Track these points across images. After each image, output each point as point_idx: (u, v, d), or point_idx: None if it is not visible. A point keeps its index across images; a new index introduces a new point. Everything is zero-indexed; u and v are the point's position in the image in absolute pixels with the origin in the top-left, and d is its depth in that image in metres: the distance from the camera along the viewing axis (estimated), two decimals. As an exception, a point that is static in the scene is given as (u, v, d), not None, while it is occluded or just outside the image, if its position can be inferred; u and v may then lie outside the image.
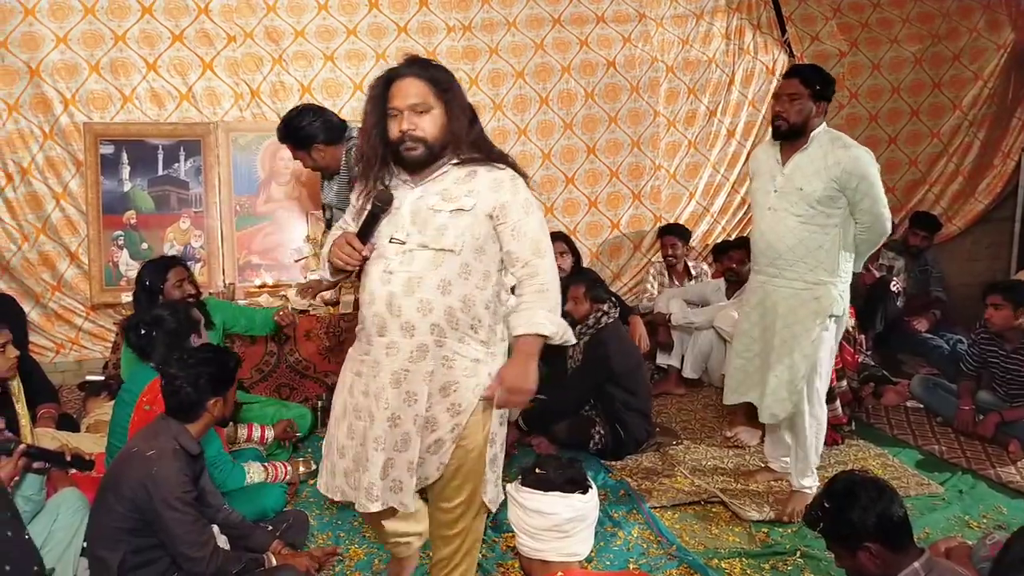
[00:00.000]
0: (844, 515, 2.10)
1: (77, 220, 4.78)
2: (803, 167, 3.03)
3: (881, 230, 3.09)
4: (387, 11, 5.20)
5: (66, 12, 4.69)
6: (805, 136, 3.05)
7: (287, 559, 2.70)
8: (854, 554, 2.11)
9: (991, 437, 3.93)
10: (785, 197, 3.06)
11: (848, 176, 2.95)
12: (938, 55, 5.78)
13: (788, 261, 3.08)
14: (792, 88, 3.03)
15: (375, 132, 2.10)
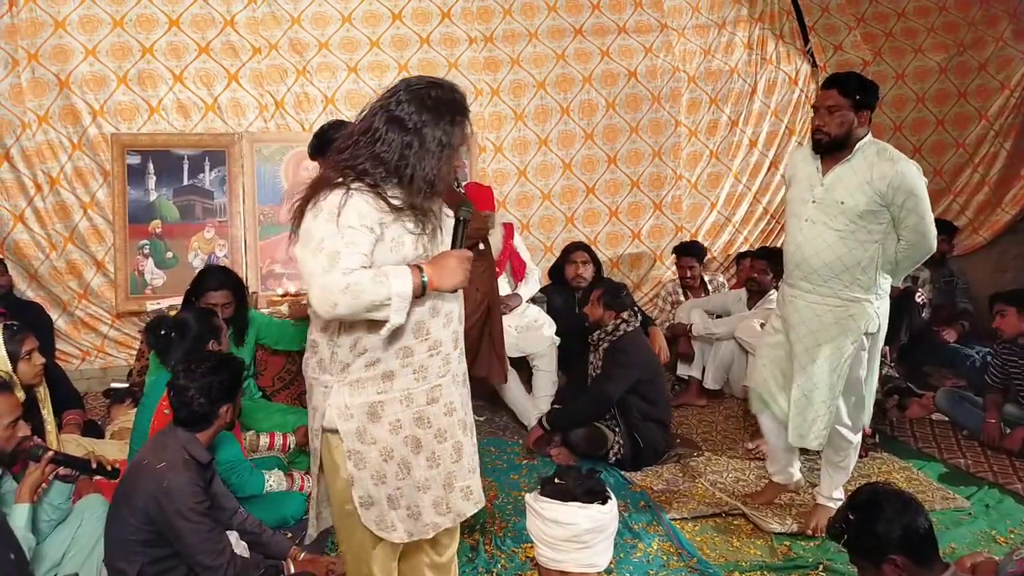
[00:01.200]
0: (869, 527, 2.07)
1: (104, 229, 4.85)
2: (845, 179, 2.90)
3: (927, 248, 2.96)
4: (410, 23, 5.25)
5: (95, 25, 4.78)
6: (849, 147, 2.92)
7: (305, 565, 2.71)
8: (879, 567, 2.08)
9: (1019, 451, 3.88)
10: (824, 209, 2.93)
11: (895, 192, 2.83)
12: (963, 64, 5.73)
13: (823, 276, 2.95)
14: (831, 99, 2.91)
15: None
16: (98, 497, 2.71)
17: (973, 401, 4.25)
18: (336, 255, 1.89)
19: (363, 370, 2.04)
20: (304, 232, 1.96)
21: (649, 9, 5.58)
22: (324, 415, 2.07)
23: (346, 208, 1.92)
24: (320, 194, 1.96)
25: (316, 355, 2.09)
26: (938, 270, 5.36)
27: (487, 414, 4.55)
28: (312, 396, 2.13)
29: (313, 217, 1.94)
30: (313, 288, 1.91)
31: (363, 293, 1.87)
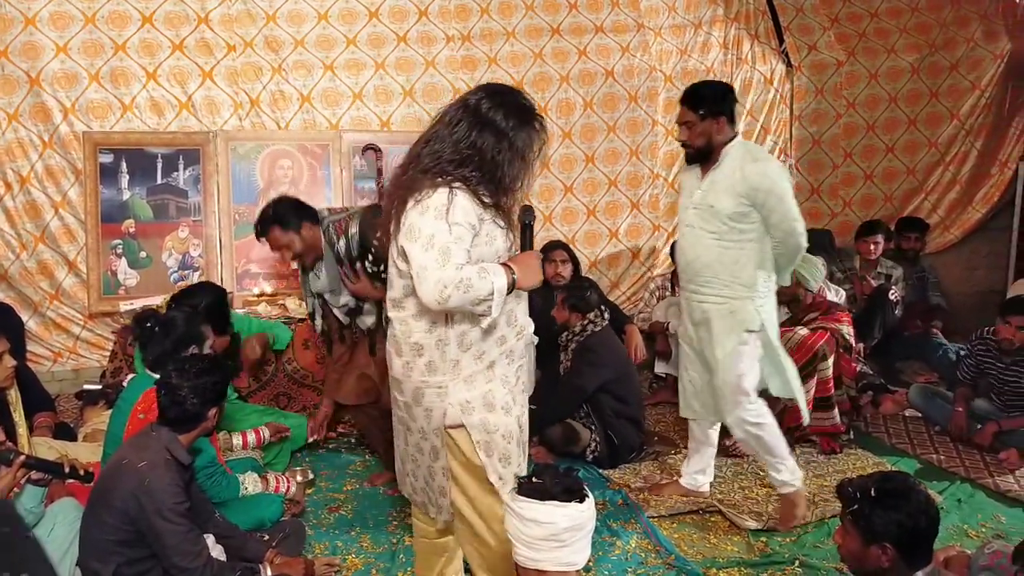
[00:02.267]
0: (887, 511, 2.06)
1: (75, 229, 4.78)
2: (716, 184, 3.02)
3: (795, 244, 3.03)
4: (387, 21, 5.22)
5: (66, 21, 4.70)
6: (716, 154, 3.04)
7: (282, 568, 2.69)
8: (867, 545, 2.09)
9: (989, 446, 3.94)
10: (700, 214, 3.07)
11: (756, 191, 2.92)
12: (935, 65, 5.80)
13: (706, 278, 3.09)
14: (684, 116, 3.07)
15: None
16: (71, 501, 2.67)
17: (945, 397, 4.31)
18: (448, 250, 2.02)
19: (473, 364, 2.20)
20: (411, 227, 2.07)
21: (626, 9, 5.60)
22: (446, 414, 2.20)
23: (453, 206, 2.05)
24: (423, 192, 2.09)
25: (422, 358, 2.19)
26: (911, 267, 5.43)
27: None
28: (422, 399, 2.22)
29: (420, 214, 2.07)
30: (427, 281, 2.01)
31: (471, 288, 2.01)
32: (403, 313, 2.21)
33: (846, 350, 4.12)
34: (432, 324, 2.17)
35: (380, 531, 3.26)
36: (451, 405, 2.19)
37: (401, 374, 2.24)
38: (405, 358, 2.23)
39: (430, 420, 2.23)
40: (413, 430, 2.30)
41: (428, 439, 2.27)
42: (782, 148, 5.92)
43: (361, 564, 3.00)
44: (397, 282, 2.23)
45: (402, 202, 2.14)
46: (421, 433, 2.27)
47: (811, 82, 5.84)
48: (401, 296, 2.22)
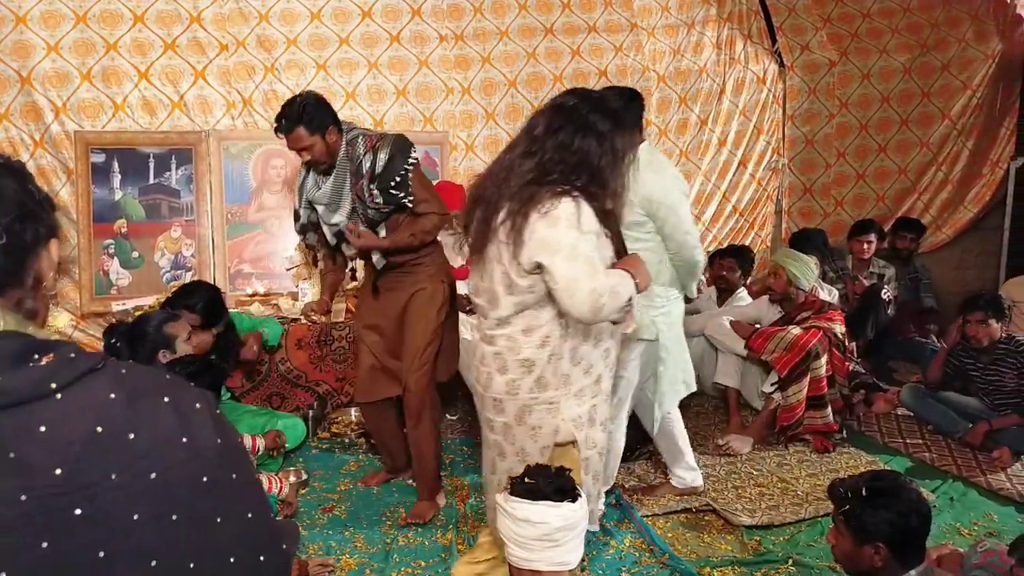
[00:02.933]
0: (878, 510, 2.06)
1: (67, 229, 4.76)
2: None
3: (689, 257, 2.99)
4: (379, 20, 5.22)
5: (58, 20, 4.68)
6: None
7: None
8: (859, 545, 2.09)
9: (980, 445, 3.95)
10: None
11: (648, 201, 2.85)
12: (927, 65, 5.83)
13: None
14: None
15: None
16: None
17: (937, 397, 4.32)
18: (592, 260, 2.01)
19: (583, 378, 2.17)
20: (543, 241, 2.02)
21: (619, 8, 5.60)
22: (557, 430, 2.16)
23: (581, 214, 2.03)
24: (545, 203, 2.03)
25: (532, 374, 2.14)
26: (903, 267, 5.45)
27: (459, 412, 4.54)
28: (527, 417, 2.16)
29: (550, 226, 2.01)
30: (580, 292, 1.98)
31: (618, 296, 2.02)
32: (509, 329, 2.15)
33: (839, 349, 4.14)
34: (545, 339, 2.13)
35: (374, 531, 3.25)
36: (563, 421, 2.15)
37: (504, 393, 2.17)
38: (511, 375, 2.16)
39: (536, 439, 2.17)
40: (508, 454, 2.21)
41: (528, 459, 2.17)
42: (775, 148, 5.93)
43: (355, 564, 2.99)
44: (505, 300, 2.15)
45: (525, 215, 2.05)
46: (519, 455, 2.20)
47: (804, 82, 5.86)
48: (510, 313, 2.15)
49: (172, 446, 0.85)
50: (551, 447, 2.16)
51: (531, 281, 2.08)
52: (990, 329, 3.95)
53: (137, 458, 0.82)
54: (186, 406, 0.90)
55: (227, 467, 0.91)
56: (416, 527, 3.27)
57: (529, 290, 2.09)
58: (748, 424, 4.25)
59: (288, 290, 4.78)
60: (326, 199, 3.25)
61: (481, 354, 2.25)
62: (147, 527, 0.82)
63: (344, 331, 4.36)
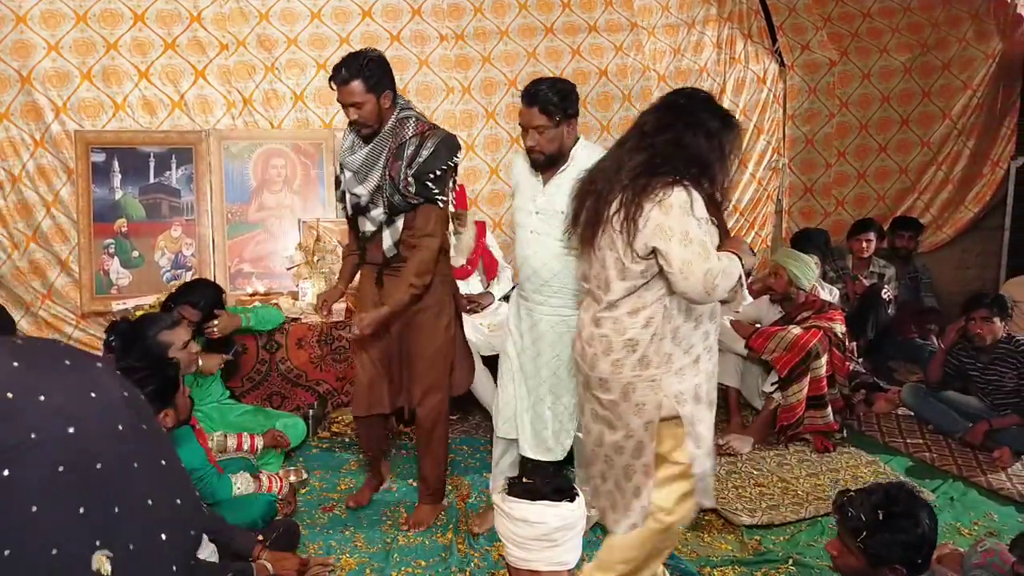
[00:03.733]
0: (896, 534, 2.00)
1: (68, 228, 4.76)
2: (564, 188, 2.76)
3: None
4: (380, 20, 5.22)
5: (58, 20, 4.68)
6: (564, 157, 2.85)
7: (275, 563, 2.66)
8: (874, 566, 2.03)
9: (980, 445, 3.95)
10: (547, 220, 2.85)
11: None
12: (928, 64, 5.82)
13: (554, 288, 2.90)
14: (533, 120, 2.79)
15: None
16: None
17: (938, 396, 4.32)
18: (705, 243, 2.14)
19: (683, 357, 2.28)
20: (659, 227, 2.16)
21: (619, 8, 5.60)
22: (660, 405, 2.26)
23: (694, 201, 2.17)
24: (658, 192, 2.17)
25: (635, 353, 2.26)
26: (904, 267, 5.45)
27: (459, 412, 4.54)
28: (632, 394, 2.28)
29: (664, 213, 2.15)
30: (694, 274, 2.12)
31: (730, 277, 2.16)
32: (616, 312, 2.28)
33: (839, 348, 4.13)
34: (648, 320, 2.25)
35: (374, 530, 3.25)
36: (666, 396, 2.26)
37: (609, 372, 2.29)
38: (615, 356, 2.28)
39: (641, 414, 2.28)
40: (618, 428, 2.33)
41: (634, 436, 2.30)
42: (775, 147, 5.93)
43: (355, 564, 2.99)
44: (617, 285, 2.27)
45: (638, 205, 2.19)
46: (626, 431, 2.31)
47: (804, 81, 5.85)
48: (619, 297, 2.28)
49: (83, 401, 0.89)
50: (655, 422, 2.27)
51: (644, 266, 2.22)
52: (993, 327, 3.95)
53: (52, 415, 0.85)
54: (87, 365, 0.94)
55: (137, 417, 0.94)
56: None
57: (642, 275, 2.23)
58: (748, 424, 4.25)
59: (288, 289, 4.78)
60: (355, 166, 3.06)
61: (589, 336, 2.37)
62: (71, 477, 0.85)
63: (345, 330, 4.34)
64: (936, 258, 5.89)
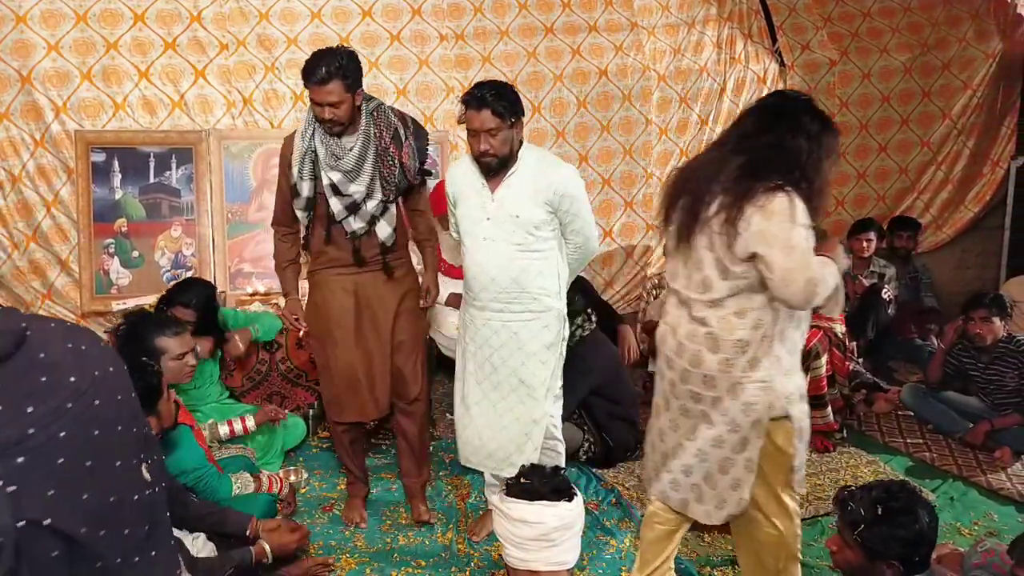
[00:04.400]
0: (895, 529, 2.02)
1: (68, 228, 4.76)
2: (516, 191, 2.81)
3: (591, 249, 3.01)
4: (380, 19, 5.22)
5: (58, 19, 4.68)
6: (512, 160, 2.84)
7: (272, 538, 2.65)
8: (871, 561, 2.05)
9: (981, 445, 3.95)
10: (500, 225, 2.82)
11: (560, 197, 2.81)
12: (928, 64, 5.82)
13: (513, 294, 2.87)
14: (484, 124, 2.74)
15: None
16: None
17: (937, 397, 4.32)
18: (806, 251, 2.16)
19: (789, 358, 2.33)
20: (761, 234, 2.16)
21: (619, 8, 5.60)
22: (771, 406, 2.29)
23: (795, 208, 2.15)
24: (760, 198, 2.17)
25: (745, 354, 2.28)
26: (904, 267, 5.45)
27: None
28: (741, 394, 2.30)
29: (766, 219, 2.15)
30: (796, 282, 2.14)
31: (828, 284, 2.20)
32: (723, 312, 2.29)
33: (839, 348, 4.14)
34: (757, 322, 2.26)
35: (374, 530, 3.25)
36: (777, 397, 2.28)
37: (716, 370, 2.30)
38: (724, 355, 2.29)
39: (749, 414, 2.30)
40: (717, 423, 2.34)
41: (739, 431, 2.32)
42: (775, 147, 5.92)
43: (355, 564, 2.99)
44: (719, 284, 2.28)
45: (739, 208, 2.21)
46: (730, 426, 2.32)
47: (804, 81, 5.85)
48: (723, 296, 2.28)
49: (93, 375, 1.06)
50: (763, 420, 2.29)
51: (745, 268, 2.23)
52: (993, 326, 3.95)
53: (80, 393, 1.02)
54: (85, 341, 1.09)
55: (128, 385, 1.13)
56: (416, 527, 3.27)
57: (743, 276, 2.24)
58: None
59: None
60: (349, 166, 3.00)
61: (689, 333, 2.37)
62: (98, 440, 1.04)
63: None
64: (936, 258, 5.89)
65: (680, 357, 2.39)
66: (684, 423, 2.42)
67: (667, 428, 2.47)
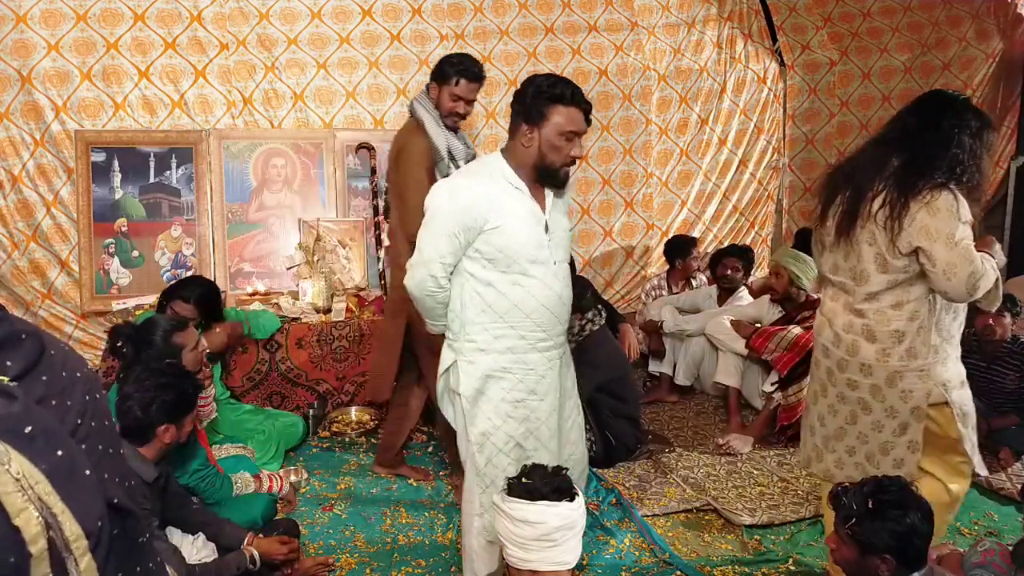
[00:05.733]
0: (886, 522, 2.04)
1: (68, 228, 4.76)
2: (560, 206, 2.49)
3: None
4: (380, 19, 5.22)
5: (58, 19, 4.68)
6: None
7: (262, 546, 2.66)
8: (865, 555, 2.07)
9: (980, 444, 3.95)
10: (558, 244, 2.45)
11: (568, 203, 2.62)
12: (928, 64, 5.82)
13: (563, 318, 2.50)
14: (581, 126, 2.35)
15: None
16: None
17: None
18: (969, 247, 2.23)
19: (947, 347, 2.42)
20: (925, 229, 2.24)
21: (620, 8, 5.60)
22: (929, 393, 2.39)
23: (960, 205, 2.24)
24: (925, 194, 2.25)
25: (902, 344, 2.38)
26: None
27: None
28: (898, 382, 2.39)
29: (931, 215, 2.24)
30: (957, 276, 2.22)
31: (989, 278, 2.27)
32: (880, 304, 2.38)
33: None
34: (914, 313, 2.35)
35: (374, 530, 3.25)
36: (935, 385, 2.38)
37: (874, 359, 2.40)
38: (881, 345, 2.39)
39: (907, 400, 2.40)
40: (875, 410, 2.45)
41: (898, 417, 2.42)
42: (775, 147, 5.93)
43: (355, 563, 2.99)
44: (877, 277, 2.36)
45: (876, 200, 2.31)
46: (889, 412, 2.43)
47: (804, 81, 5.85)
48: (881, 289, 2.37)
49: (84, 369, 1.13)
50: (922, 407, 2.39)
51: (906, 262, 2.31)
52: (1004, 322, 3.95)
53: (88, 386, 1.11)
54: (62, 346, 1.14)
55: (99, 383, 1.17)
56: (416, 526, 3.27)
57: (903, 270, 2.32)
58: (749, 423, 4.25)
59: (288, 289, 4.78)
60: (472, 155, 3.47)
61: (846, 324, 2.46)
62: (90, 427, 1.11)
63: (344, 330, 4.36)
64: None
65: (837, 347, 2.49)
66: (843, 409, 2.52)
67: (826, 413, 2.58)
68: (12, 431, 0.93)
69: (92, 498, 1.00)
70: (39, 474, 0.93)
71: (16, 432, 0.93)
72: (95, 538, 0.98)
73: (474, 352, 2.40)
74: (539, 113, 2.31)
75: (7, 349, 1.02)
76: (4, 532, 0.89)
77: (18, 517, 0.90)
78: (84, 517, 0.97)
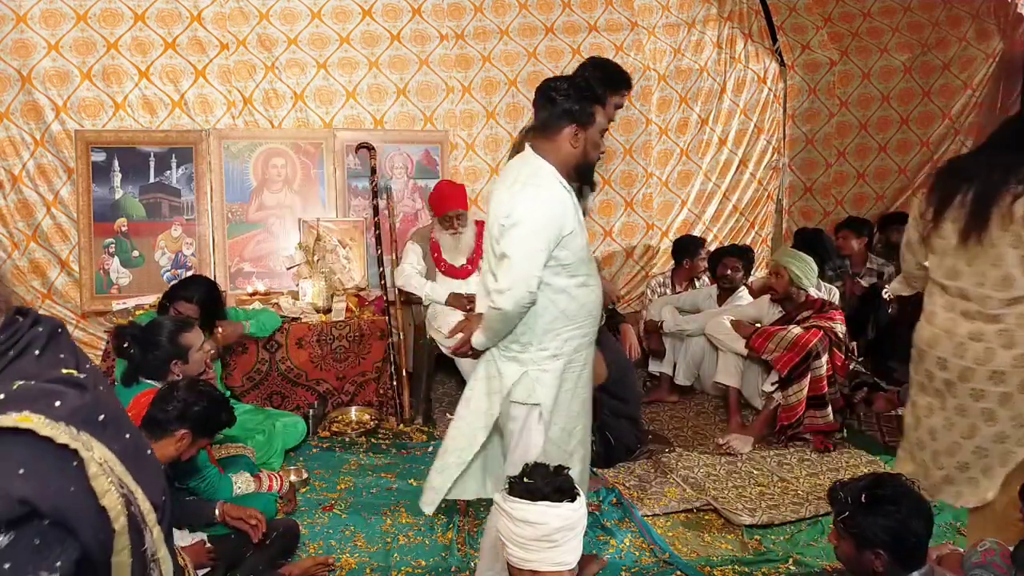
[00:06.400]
0: (878, 517, 2.05)
1: (68, 227, 4.76)
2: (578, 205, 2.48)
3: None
4: (380, 19, 5.21)
5: (58, 19, 4.68)
6: None
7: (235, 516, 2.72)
8: (860, 550, 2.08)
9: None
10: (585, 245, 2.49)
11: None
12: (928, 64, 5.82)
13: None
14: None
15: None
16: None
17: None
18: None
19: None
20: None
21: (620, 8, 5.60)
22: None
23: None
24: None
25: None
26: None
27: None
28: None
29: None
30: None
31: None
32: (1021, 308, 2.32)
33: (839, 348, 4.14)
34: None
35: (374, 530, 3.25)
36: None
37: (1010, 366, 2.35)
38: (1020, 350, 2.33)
39: None
40: (1000, 419, 2.39)
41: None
42: (775, 147, 5.93)
43: (355, 563, 2.99)
44: (1022, 280, 2.32)
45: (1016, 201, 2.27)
46: (1015, 420, 2.39)
47: (804, 81, 5.85)
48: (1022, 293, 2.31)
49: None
50: None
51: None
52: None
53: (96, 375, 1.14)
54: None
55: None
56: (416, 526, 3.27)
57: None
58: (749, 423, 4.25)
59: (288, 289, 4.78)
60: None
61: (972, 332, 2.41)
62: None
63: (344, 330, 4.36)
64: (936, 258, 5.89)
65: (962, 357, 2.43)
66: (961, 422, 2.47)
67: (940, 427, 2.54)
68: (89, 420, 1.03)
69: (156, 474, 1.13)
70: (114, 457, 1.04)
71: (92, 421, 1.04)
72: (160, 510, 1.11)
73: (547, 360, 2.41)
74: (588, 114, 2.36)
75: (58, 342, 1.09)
76: (93, 513, 1.01)
77: (104, 497, 1.01)
78: (152, 492, 1.10)
